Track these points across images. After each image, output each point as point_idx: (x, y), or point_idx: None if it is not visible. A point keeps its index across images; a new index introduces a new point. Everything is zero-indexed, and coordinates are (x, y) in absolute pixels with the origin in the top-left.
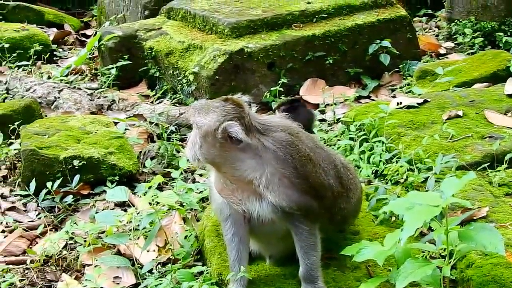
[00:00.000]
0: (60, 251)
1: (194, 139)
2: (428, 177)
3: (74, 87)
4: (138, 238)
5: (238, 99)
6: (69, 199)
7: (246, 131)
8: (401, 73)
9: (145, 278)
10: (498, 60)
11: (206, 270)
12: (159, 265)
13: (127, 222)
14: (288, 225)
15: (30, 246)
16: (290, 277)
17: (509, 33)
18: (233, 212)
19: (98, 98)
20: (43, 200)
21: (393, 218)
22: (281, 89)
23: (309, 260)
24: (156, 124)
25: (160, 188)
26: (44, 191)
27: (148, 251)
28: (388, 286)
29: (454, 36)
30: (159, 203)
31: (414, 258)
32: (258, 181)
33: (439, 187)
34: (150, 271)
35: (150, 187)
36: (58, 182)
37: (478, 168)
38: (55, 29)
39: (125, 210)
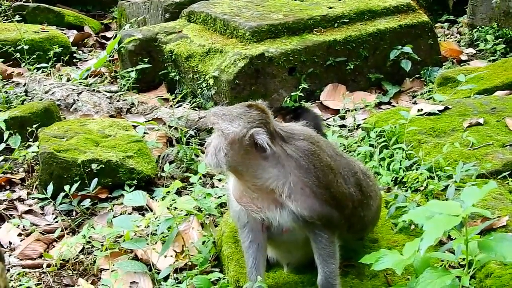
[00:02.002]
0: (77, 255)
1: (218, 146)
2: (448, 185)
3: (93, 90)
4: (156, 243)
5: (262, 105)
6: (87, 202)
7: (271, 139)
8: (422, 79)
9: (162, 284)
10: None
11: (224, 277)
12: (177, 271)
13: (144, 227)
14: (307, 233)
15: (47, 250)
16: (308, 285)
17: None
18: (251, 219)
19: (117, 101)
20: (61, 203)
21: (413, 226)
22: (301, 94)
23: (328, 268)
24: (175, 128)
25: (178, 192)
26: (62, 194)
27: (165, 256)
28: None
29: (476, 43)
30: (177, 208)
31: (433, 268)
32: (280, 190)
33: (459, 195)
34: (167, 277)
35: (168, 192)
36: (76, 185)
37: (499, 177)
38: (75, 31)
39: (143, 215)
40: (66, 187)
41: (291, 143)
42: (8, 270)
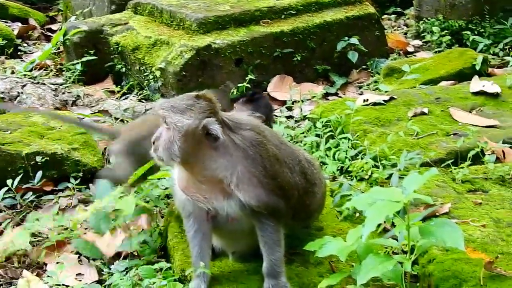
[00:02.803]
0: (23, 248)
1: (171, 139)
2: (393, 173)
3: (38, 82)
4: (103, 235)
5: (209, 94)
6: (31, 195)
7: (221, 128)
8: (369, 70)
9: (110, 274)
10: (464, 58)
11: (169, 266)
12: (123, 262)
13: (87, 220)
14: (253, 221)
15: None
16: (253, 273)
17: (476, 32)
18: (196, 209)
19: (63, 93)
20: (4, 197)
21: (357, 214)
22: (248, 85)
23: (274, 256)
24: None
25: None
26: (5, 188)
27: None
28: (350, 282)
29: (422, 34)
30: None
31: (375, 254)
32: (228, 180)
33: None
34: (113, 268)
35: None
36: (18, 178)
37: (442, 165)
38: (19, 24)
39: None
40: (9, 181)
41: (238, 133)
42: None
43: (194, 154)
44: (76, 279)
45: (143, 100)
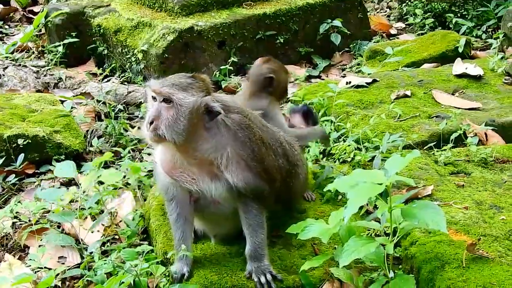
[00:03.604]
0: (5, 231)
1: (175, 117)
2: (375, 156)
3: (20, 65)
4: (85, 218)
5: (204, 76)
6: (13, 178)
7: None
8: (351, 53)
9: (91, 258)
10: (447, 40)
11: (151, 249)
12: (105, 245)
13: (70, 202)
14: (237, 204)
15: None
16: (235, 256)
17: (459, 14)
18: (179, 192)
19: (45, 76)
20: None
21: (340, 197)
22: (231, 68)
23: (257, 238)
24: (104, 103)
25: (107, 167)
26: None
27: (92, 232)
28: (333, 264)
29: (405, 17)
30: (102, 182)
31: (358, 236)
32: (218, 161)
33: None
34: (90, 248)
35: (98, 165)
36: (1, 161)
37: (425, 147)
38: (1, 5)
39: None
40: None
41: (228, 116)
42: None
43: (192, 132)
44: (58, 262)
45: (125, 83)
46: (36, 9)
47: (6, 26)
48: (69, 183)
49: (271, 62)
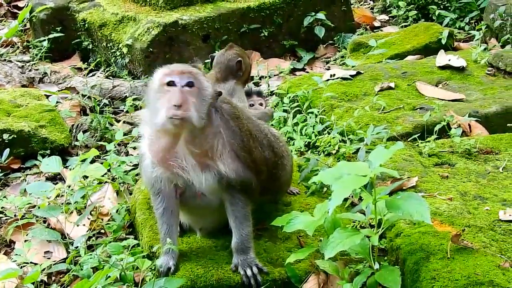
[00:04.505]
0: None
1: (200, 100)
2: (360, 148)
3: (5, 60)
4: (71, 213)
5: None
6: None
7: None
8: (335, 45)
9: (77, 252)
10: (430, 32)
11: (137, 243)
12: (91, 239)
13: (55, 197)
14: (224, 195)
15: None
16: (221, 249)
17: (442, 6)
18: (166, 185)
19: (30, 70)
20: None
21: (325, 189)
22: None
23: (244, 230)
24: (89, 97)
25: (92, 161)
26: None
27: (78, 225)
28: (318, 256)
29: (389, 9)
30: (87, 177)
31: (342, 228)
32: (214, 149)
33: None
34: (75, 243)
35: (83, 160)
36: None
37: (409, 139)
38: None
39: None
40: None
41: (220, 105)
42: None
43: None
44: (44, 256)
45: (110, 77)
46: (21, 4)
47: None
48: (55, 177)
49: (235, 48)
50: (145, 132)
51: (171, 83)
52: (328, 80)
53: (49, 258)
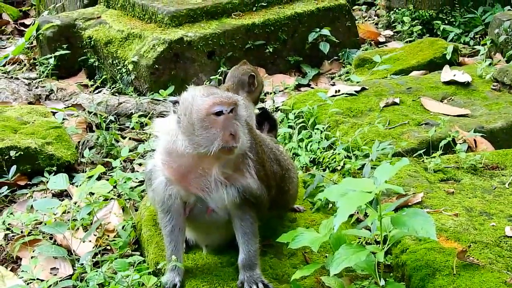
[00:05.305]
0: None
1: (242, 128)
2: (365, 164)
3: (12, 77)
4: (78, 229)
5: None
6: (5, 190)
7: None
8: (340, 61)
9: (83, 269)
10: (435, 47)
11: (143, 260)
12: (97, 256)
13: (62, 213)
14: (235, 212)
15: None
16: (227, 265)
17: (446, 21)
18: (176, 203)
19: (36, 88)
20: None
21: (330, 205)
22: (221, 77)
23: (252, 247)
24: (95, 114)
25: (98, 178)
26: None
27: (84, 242)
28: (324, 273)
29: (393, 25)
30: (94, 193)
31: (348, 244)
32: (240, 165)
33: None
34: (81, 260)
35: (90, 177)
36: None
37: (414, 155)
38: None
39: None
40: None
41: None
42: None
43: None
44: (50, 273)
45: (116, 94)
46: (27, 21)
47: None
48: (61, 194)
49: (248, 64)
50: (161, 150)
51: (219, 113)
52: (333, 96)
53: (55, 275)
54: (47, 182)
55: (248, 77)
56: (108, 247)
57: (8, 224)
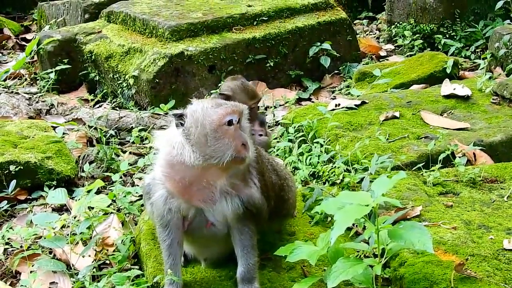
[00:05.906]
0: None
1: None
2: (364, 177)
3: (12, 92)
4: (77, 243)
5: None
6: (4, 204)
7: None
8: (341, 75)
9: (82, 283)
10: (435, 61)
11: (141, 274)
12: (96, 269)
13: (61, 228)
14: (235, 225)
15: None
16: (225, 279)
17: (447, 35)
18: (175, 217)
19: (37, 102)
20: None
21: (329, 219)
22: None
23: (251, 260)
24: (95, 128)
25: (98, 192)
26: None
27: (83, 256)
28: (322, 286)
29: (395, 39)
30: (93, 207)
31: (345, 257)
32: (245, 176)
33: None
34: (81, 274)
35: (89, 191)
36: None
37: (413, 168)
38: None
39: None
40: None
41: None
42: None
43: None
44: (49, 287)
45: (117, 108)
46: (28, 36)
47: None
48: (61, 208)
49: (243, 77)
50: (162, 162)
51: (231, 123)
52: (333, 109)
53: None
54: (47, 196)
55: (251, 88)
56: (107, 261)
57: (8, 238)
